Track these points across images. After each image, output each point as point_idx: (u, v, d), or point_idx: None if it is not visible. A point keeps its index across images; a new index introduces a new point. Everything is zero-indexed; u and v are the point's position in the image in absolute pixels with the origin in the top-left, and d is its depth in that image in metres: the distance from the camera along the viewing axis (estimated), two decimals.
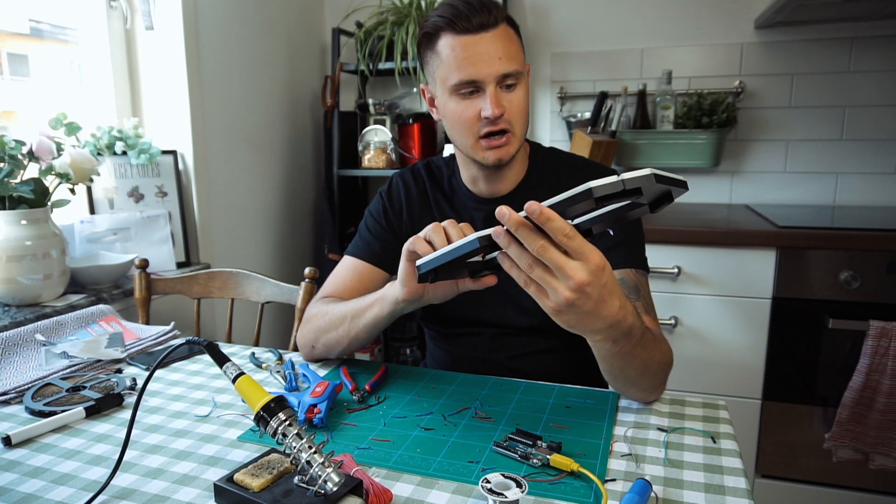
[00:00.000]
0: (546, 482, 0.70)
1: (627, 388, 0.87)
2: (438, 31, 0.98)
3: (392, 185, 1.20)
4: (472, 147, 1.02)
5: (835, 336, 1.69)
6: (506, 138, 1.00)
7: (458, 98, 0.99)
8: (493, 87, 0.97)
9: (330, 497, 0.62)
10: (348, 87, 2.54)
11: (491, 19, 0.95)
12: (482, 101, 0.98)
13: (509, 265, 0.69)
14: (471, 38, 0.95)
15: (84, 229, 1.65)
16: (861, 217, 1.92)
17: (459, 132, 1.03)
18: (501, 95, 0.98)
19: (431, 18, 0.99)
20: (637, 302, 0.99)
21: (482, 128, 0.99)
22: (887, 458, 1.65)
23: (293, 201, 2.46)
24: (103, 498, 0.69)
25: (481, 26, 0.95)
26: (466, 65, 0.96)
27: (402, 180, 1.19)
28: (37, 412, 0.90)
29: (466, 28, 0.95)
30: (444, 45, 0.98)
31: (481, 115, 0.98)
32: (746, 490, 0.68)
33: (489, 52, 0.95)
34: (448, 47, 0.97)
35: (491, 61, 0.95)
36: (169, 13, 1.79)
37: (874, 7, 1.87)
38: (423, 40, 1.02)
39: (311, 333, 1.06)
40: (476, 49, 0.95)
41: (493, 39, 0.95)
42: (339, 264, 1.18)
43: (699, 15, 2.21)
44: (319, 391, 0.88)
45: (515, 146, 1.02)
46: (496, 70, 0.96)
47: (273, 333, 2.29)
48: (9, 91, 1.79)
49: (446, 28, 0.96)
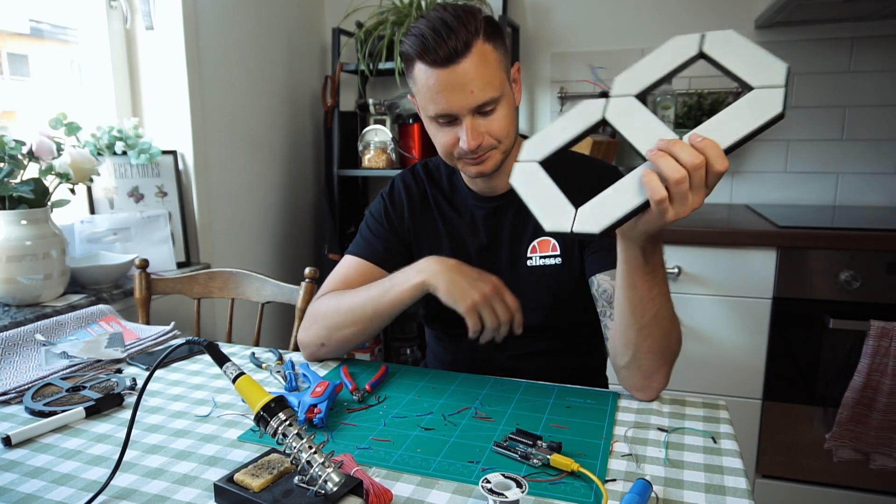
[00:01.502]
0: (546, 482, 0.70)
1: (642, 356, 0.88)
2: (412, 59, 0.96)
3: (394, 187, 1.21)
4: (456, 164, 1.05)
5: (835, 336, 1.69)
6: (488, 155, 1.00)
7: (437, 125, 0.99)
8: (468, 118, 0.95)
9: (330, 497, 0.62)
10: (348, 87, 2.54)
11: (460, 45, 0.91)
12: (460, 129, 0.97)
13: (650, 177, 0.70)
14: (441, 71, 0.92)
15: (84, 229, 1.65)
16: (861, 217, 1.92)
17: (442, 153, 1.04)
18: (479, 123, 0.96)
19: (405, 42, 0.96)
20: None
21: (462, 155, 1.00)
22: (888, 459, 1.65)
23: (293, 201, 2.46)
24: (103, 498, 0.69)
25: (449, 57, 0.91)
26: (440, 99, 0.94)
27: (402, 182, 1.20)
28: (37, 412, 0.90)
29: (435, 61, 0.92)
30: (419, 72, 0.96)
31: (459, 145, 0.98)
32: (747, 490, 0.68)
33: (461, 84, 0.92)
34: (423, 75, 0.95)
35: (464, 95, 0.93)
36: (169, 13, 1.79)
37: (874, 7, 1.87)
38: (403, 58, 1.00)
39: (322, 331, 1.06)
40: (447, 81, 0.93)
41: (466, 70, 0.92)
42: (339, 263, 1.17)
43: (699, 15, 2.21)
44: (320, 391, 0.88)
45: (499, 158, 1.01)
46: (469, 103, 0.94)
47: (273, 333, 2.29)
48: (9, 91, 1.79)
49: (417, 59, 0.95)
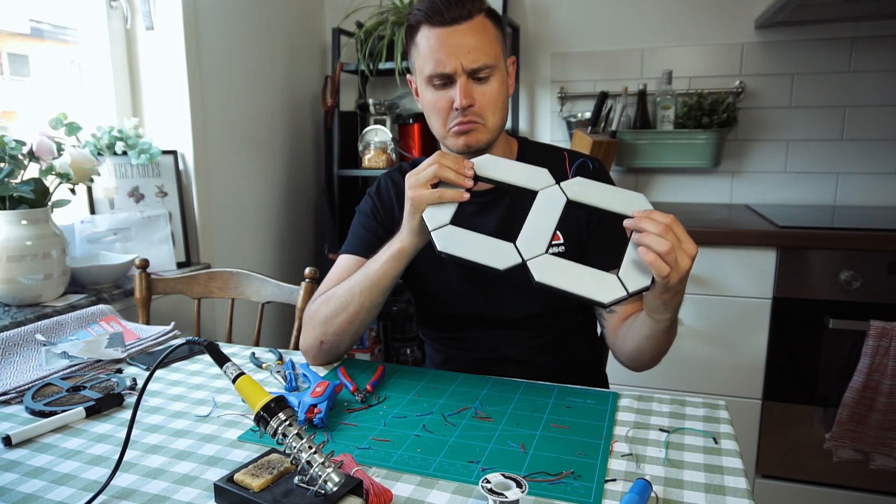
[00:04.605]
0: (546, 482, 0.70)
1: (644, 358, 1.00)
2: (418, 24, 1.03)
3: (381, 185, 1.22)
4: (444, 136, 1.07)
5: (835, 336, 1.69)
6: (475, 125, 1.03)
7: (433, 88, 1.04)
8: (463, 78, 1.00)
9: (330, 497, 0.62)
10: (348, 87, 2.54)
11: (465, 12, 0.99)
12: (454, 91, 1.01)
13: (645, 251, 0.79)
14: (444, 30, 1.00)
15: (84, 229, 1.65)
16: (861, 217, 1.92)
17: (433, 121, 1.07)
18: (473, 87, 1.01)
19: (414, 11, 1.04)
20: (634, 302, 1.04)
21: (453, 119, 1.03)
22: (888, 459, 1.65)
23: (293, 201, 2.46)
24: (103, 498, 0.69)
25: (454, 19, 0.99)
26: (438, 56, 1.00)
27: (390, 179, 1.21)
28: (37, 412, 0.90)
29: (441, 21, 1.00)
30: (421, 37, 1.03)
31: (453, 106, 1.02)
32: (747, 490, 0.68)
33: (460, 44, 0.99)
34: (424, 39, 1.02)
35: (460, 54, 0.99)
36: (169, 13, 1.79)
37: (874, 7, 1.87)
38: (407, 32, 1.07)
39: (318, 328, 1.05)
40: (448, 41, 1.00)
41: (466, 32, 1.00)
42: (335, 264, 1.17)
43: (699, 15, 2.21)
44: (319, 391, 0.88)
45: (486, 135, 1.04)
46: (464, 63, 0.99)
47: (273, 333, 2.29)
48: (9, 91, 1.79)
49: (424, 21, 1.02)
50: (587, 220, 1.10)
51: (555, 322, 1.14)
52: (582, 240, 1.10)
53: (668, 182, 2.33)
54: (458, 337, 1.18)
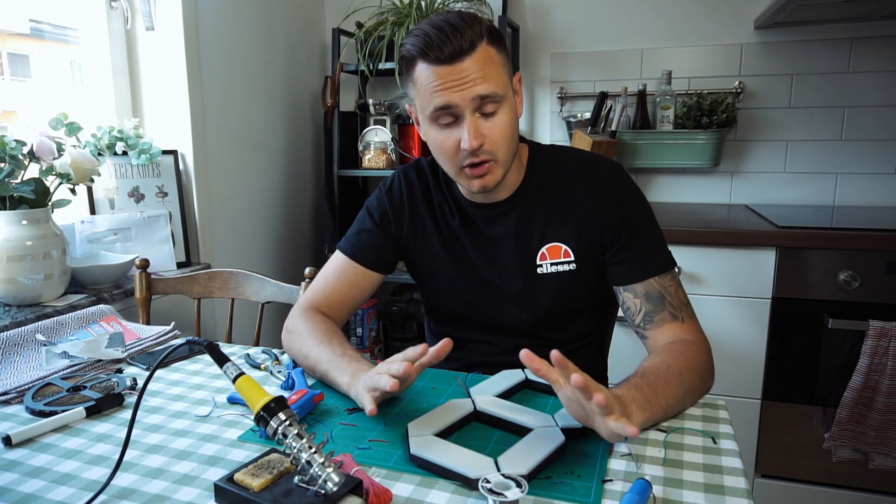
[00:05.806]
0: (546, 482, 0.70)
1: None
2: (414, 59, 0.94)
3: (394, 183, 1.16)
4: (456, 175, 1.01)
5: (835, 336, 1.69)
6: (488, 166, 0.96)
7: (438, 128, 0.96)
8: (470, 114, 0.93)
9: (330, 497, 0.62)
10: (348, 87, 2.54)
11: (465, 44, 0.90)
12: (461, 130, 0.94)
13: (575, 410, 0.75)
14: (444, 68, 0.91)
15: (85, 229, 1.65)
16: (861, 217, 1.92)
17: (442, 161, 1.01)
18: (480, 124, 0.94)
19: (406, 43, 0.95)
20: (663, 312, 1.00)
21: (463, 159, 0.96)
22: (887, 458, 1.65)
23: (293, 201, 2.46)
24: (103, 498, 0.69)
25: (454, 55, 0.90)
26: (441, 93, 0.92)
27: (405, 178, 1.15)
28: (37, 412, 0.90)
29: (438, 58, 0.90)
30: (419, 73, 0.94)
31: (461, 147, 0.95)
32: (746, 490, 0.68)
33: (464, 81, 0.91)
34: (423, 77, 0.93)
35: (465, 85, 0.91)
36: (169, 13, 1.79)
37: (874, 7, 1.87)
38: (402, 64, 0.98)
39: (293, 348, 1.04)
40: (450, 78, 0.91)
41: (469, 67, 0.91)
42: (330, 261, 1.15)
43: (699, 15, 2.21)
44: (295, 399, 0.85)
45: (500, 172, 0.99)
46: (472, 92, 0.91)
47: (273, 333, 2.29)
48: (9, 91, 1.79)
49: (420, 57, 0.93)
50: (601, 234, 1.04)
51: (559, 336, 1.11)
52: (595, 255, 1.06)
53: (667, 182, 2.33)
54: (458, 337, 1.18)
